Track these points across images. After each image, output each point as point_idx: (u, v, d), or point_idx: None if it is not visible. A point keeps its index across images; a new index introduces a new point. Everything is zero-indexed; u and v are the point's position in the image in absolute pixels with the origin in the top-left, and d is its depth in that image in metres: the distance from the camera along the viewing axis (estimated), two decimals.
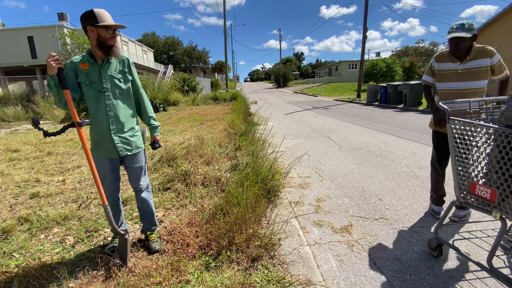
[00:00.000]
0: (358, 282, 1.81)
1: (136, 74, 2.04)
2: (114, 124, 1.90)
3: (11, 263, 1.99)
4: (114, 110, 1.89)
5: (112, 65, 1.89)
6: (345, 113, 11.09)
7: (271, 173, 3.19)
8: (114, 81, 1.88)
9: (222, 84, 39.41)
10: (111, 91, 1.87)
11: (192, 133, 6.27)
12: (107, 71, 1.86)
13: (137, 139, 2.03)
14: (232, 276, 1.76)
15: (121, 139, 1.94)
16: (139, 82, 2.06)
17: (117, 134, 1.92)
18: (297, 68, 76.85)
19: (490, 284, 1.73)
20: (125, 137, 1.95)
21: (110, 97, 1.87)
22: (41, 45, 19.74)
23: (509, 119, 1.58)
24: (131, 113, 2.00)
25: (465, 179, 1.77)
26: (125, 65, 1.96)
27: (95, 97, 1.85)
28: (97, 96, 1.85)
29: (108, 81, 1.86)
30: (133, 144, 2.00)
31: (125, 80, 1.95)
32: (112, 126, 1.89)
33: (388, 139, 5.94)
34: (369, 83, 26.50)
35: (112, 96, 1.88)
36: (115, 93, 1.89)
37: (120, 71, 1.93)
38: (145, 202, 2.14)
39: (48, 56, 1.62)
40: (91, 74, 1.83)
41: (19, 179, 3.73)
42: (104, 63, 1.86)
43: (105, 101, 1.86)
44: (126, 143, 1.96)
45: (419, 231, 2.37)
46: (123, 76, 1.94)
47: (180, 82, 18.48)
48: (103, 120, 1.87)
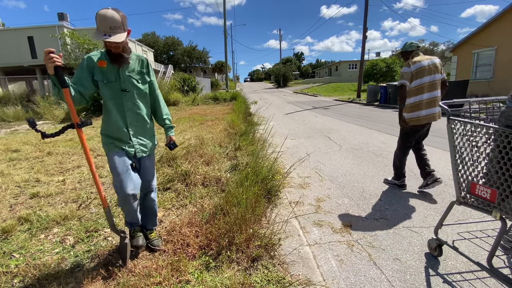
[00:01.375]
0: (358, 282, 1.81)
1: (153, 75, 2.01)
2: (133, 126, 1.89)
3: (11, 263, 1.99)
4: (133, 111, 1.87)
5: (130, 65, 1.85)
6: (345, 113, 11.09)
7: (271, 173, 3.19)
8: (133, 81, 1.85)
9: (222, 84, 39.41)
10: (131, 92, 1.85)
11: (192, 133, 6.27)
12: (126, 71, 1.82)
13: (153, 140, 2.05)
14: (232, 276, 1.76)
15: (140, 141, 1.93)
16: (156, 83, 2.03)
17: (136, 136, 1.91)
18: (297, 68, 76.84)
19: (490, 284, 1.73)
20: (143, 139, 1.95)
21: (130, 98, 1.84)
22: (41, 45, 19.72)
23: (509, 119, 1.58)
24: (148, 115, 2.00)
25: (465, 179, 1.77)
26: (143, 65, 1.93)
27: (113, 97, 1.81)
28: (115, 96, 1.82)
29: (127, 82, 1.82)
30: (149, 146, 2.00)
31: (143, 81, 1.92)
32: (131, 128, 1.88)
33: (388, 139, 5.94)
34: (369, 83, 26.50)
35: (131, 97, 1.85)
36: (134, 94, 1.86)
37: (139, 72, 1.89)
38: (153, 202, 2.17)
39: (44, 53, 1.51)
40: (108, 73, 1.78)
41: (19, 179, 3.73)
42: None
43: (124, 101, 1.83)
44: (143, 145, 1.96)
45: (419, 231, 2.37)
46: (142, 77, 1.91)
47: (180, 82, 18.47)
48: (121, 120, 1.84)
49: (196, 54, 55.12)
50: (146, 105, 1.96)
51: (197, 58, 55.65)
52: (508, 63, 12.29)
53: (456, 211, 2.65)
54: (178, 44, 55.15)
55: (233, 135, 5.86)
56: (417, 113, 3.02)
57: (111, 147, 1.86)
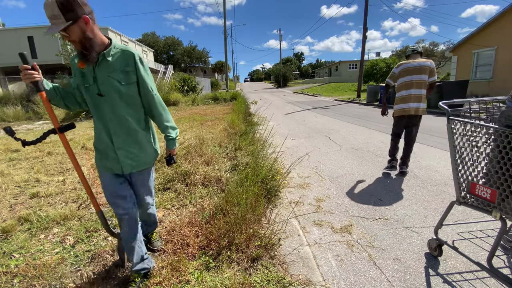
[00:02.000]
0: (358, 282, 1.81)
1: (145, 72, 1.60)
2: (118, 137, 1.58)
3: (11, 263, 1.99)
4: (116, 119, 1.55)
5: (110, 63, 1.49)
6: (345, 113, 11.09)
7: (271, 173, 3.19)
8: (113, 83, 1.50)
9: (222, 84, 39.40)
10: (110, 97, 1.52)
11: (192, 133, 6.27)
12: (104, 72, 1.49)
13: (147, 152, 1.70)
14: (232, 276, 1.76)
15: (127, 153, 1.62)
16: (150, 82, 1.62)
17: (123, 148, 1.60)
18: (297, 68, 76.85)
19: (490, 284, 1.73)
20: (131, 151, 1.63)
21: (110, 103, 1.53)
22: (41, 45, 19.76)
23: (509, 119, 1.58)
24: (140, 121, 1.65)
25: (465, 179, 1.77)
26: (129, 63, 1.53)
27: (93, 103, 1.55)
28: (95, 102, 1.54)
29: (106, 84, 1.50)
30: (140, 159, 1.67)
31: (128, 82, 1.54)
32: (115, 138, 1.58)
33: (388, 139, 5.91)
34: (369, 83, 26.52)
35: (112, 102, 1.52)
36: (115, 98, 1.52)
37: (122, 71, 1.52)
38: (151, 216, 2.00)
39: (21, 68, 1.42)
40: (87, 75, 1.51)
41: (19, 179, 3.73)
42: (99, 61, 1.48)
43: (103, 108, 1.54)
44: (132, 158, 1.64)
45: (419, 231, 2.37)
46: (126, 76, 1.53)
47: (180, 82, 18.48)
48: (104, 131, 1.57)
49: (196, 54, 55.16)
50: (134, 110, 1.61)
51: (197, 58, 55.69)
52: (508, 63, 12.29)
53: (456, 211, 2.65)
54: (178, 44, 55.19)
55: (233, 135, 5.86)
56: (396, 107, 3.74)
57: (99, 164, 1.68)
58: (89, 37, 1.40)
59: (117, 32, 26.35)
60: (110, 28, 24.59)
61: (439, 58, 37.74)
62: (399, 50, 43.13)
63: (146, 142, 1.69)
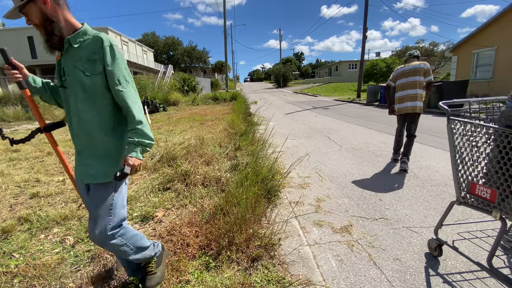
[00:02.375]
0: (358, 282, 1.81)
1: (116, 61, 1.29)
2: (78, 138, 1.37)
3: (11, 263, 1.99)
4: (77, 116, 1.32)
5: (76, 51, 1.27)
6: (345, 113, 11.09)
7: (271, 173, 3.19)
8: (78, 74, 1.27)
9: (222, 84, 39.43)
10: (71, 89, 1.30)
11: (192, 133, 6.27)
12: (70, 60, 1.28)
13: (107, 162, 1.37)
14: (232, 276, 1.76)
15: (85, 160, 1.38)
16: (118, 73, 1.30)
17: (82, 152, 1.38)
18: (297, 68, 76.86)
19: (490, 284, 1.73)
20: (89, 157, 1.37)
21: (72, 97, 1.31)
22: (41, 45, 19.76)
23: (509, 119, 1.58)
24: (104, 122, 1.34)
25: (465, 179, 1.77)
26: (96, 50, 1.26)
27: (63, 97, 1.38)
28: (63, 96, 1.37)
29: (71, 75, 1.28)
30: (98, 169, 1.35)
31: (93, 72, 1.27)
32: (76, 140, 1.38)
33: (388, 139, 5.93)
34: (369, 83, 26.50)
35: (74, 96, 1.30)
36: (77, 92, 1.29)
37: (88, 60, 1.26)
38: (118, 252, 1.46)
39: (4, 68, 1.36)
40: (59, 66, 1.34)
41: (19, 179, 3.73)
42: (65, 49, 1.29)
43: (66, 102, 1.36)
44: (89, 166, 1.36)
45: (419, 231, 2.37)
46: (91, 66, 1.26)
47: (180, 82, 18.50)
48: (70, 129, 1.38)
49: (196, 54, 55.21)
50: (97, 107, 1.32)
51: (197, 58, 55.74)
52: (508, 63, 12.29)
53: (456, 211, 2.65)
54: (178, 44, 55.22)
55: (233, 135, 5.87)
56: (396, 106, 4.15)
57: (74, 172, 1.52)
58: (50, 19, 1.25)
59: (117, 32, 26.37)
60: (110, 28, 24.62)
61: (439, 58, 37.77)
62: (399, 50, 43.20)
63: (114, 151, 1.38)
